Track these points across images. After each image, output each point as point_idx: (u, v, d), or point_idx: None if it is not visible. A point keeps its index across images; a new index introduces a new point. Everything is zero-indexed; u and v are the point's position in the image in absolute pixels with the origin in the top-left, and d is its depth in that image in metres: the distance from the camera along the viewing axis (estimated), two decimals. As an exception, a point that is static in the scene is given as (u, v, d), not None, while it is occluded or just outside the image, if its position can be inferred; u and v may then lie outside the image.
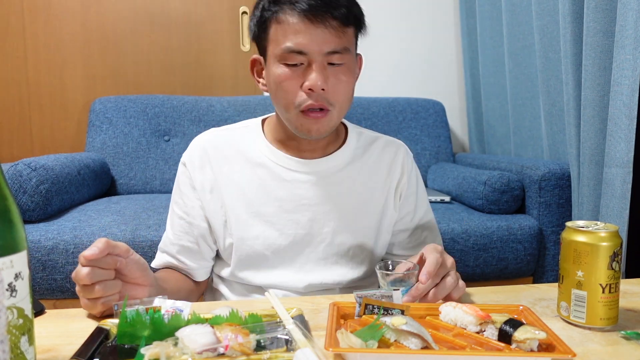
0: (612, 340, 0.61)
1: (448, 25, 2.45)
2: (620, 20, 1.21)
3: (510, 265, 1.54)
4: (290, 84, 0.81)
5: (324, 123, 0.83)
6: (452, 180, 1.84)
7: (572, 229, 0.66)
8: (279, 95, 0.83)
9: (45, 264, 1.34)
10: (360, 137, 0.97)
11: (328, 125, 0.84)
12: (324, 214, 0.90)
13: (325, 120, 0.83)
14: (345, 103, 0.85)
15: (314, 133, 0.84)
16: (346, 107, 0.86)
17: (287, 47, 0.79)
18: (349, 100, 0.86)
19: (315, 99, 0.80)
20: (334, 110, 0.83)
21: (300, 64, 0.80)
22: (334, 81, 0.81)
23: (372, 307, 0.63)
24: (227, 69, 2.32)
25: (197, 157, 0.93)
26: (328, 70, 0.80)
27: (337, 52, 0.80)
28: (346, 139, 0.95)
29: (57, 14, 2.20)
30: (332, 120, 0.84)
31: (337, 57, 0.80)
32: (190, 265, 0.92)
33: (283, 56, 0.80)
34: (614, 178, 1.25)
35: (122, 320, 0.57)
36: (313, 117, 0.82)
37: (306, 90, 0.80)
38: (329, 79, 0.80)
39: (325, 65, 0.80)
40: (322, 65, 0.79)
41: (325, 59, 0.80)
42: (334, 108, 0.82)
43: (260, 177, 0.90)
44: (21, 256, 0.46)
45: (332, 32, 0.79)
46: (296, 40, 0.78)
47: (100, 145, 1.98)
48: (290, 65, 0.80)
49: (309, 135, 0.84)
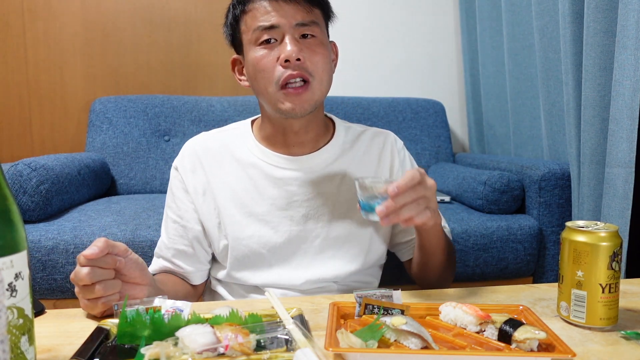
0: (612, 340, 0.61)
1: (448, 25, 2.45)
2: (622, 20, 1.21)
3: (510, 265, 1.54)
4: (267, 62, 0.83)
5: (305, 97, 0.83)
6: (452, 180, 1.84)
7: (572, 229, 0.66)
8: (258, 77, 0.84)
9: (45, 264, 1.34)
10: (349, 131, 0.97)
11: (311, 99, 0.84)
12: (317, 209, 0.90)
13: (307, 94, 0.83)
14: (324, 76, 0.85)
15: (298, 108, 0.84)
16: (326, 81, 0.86)
17: (259, 26, 0.83)
18: (326, 73, 0.86)
19: (293, 69, 0.81)
20: (314, 82, 0.83)
21: (274, 40, 0.83)
22: (308, 52, 0.83)
23: (372, 307, 0.63)
24: (227, 69, 2.30)
25: (188, 160, 0.93)
26: (301, 43, 0.83)
27: (306, 24, 0.83)
28: (334, 133, 0.96)
29: (57, 14, 2.20)
30: (314, 94, 0.84)
31: (308, 29, 0.83)
32: (186, 268, 0.93)
33: (257, 37, 0.83)
34: (615, 178, 1.25)
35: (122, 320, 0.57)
36: (294, 92, 0.82)
37: (282, 63, 0.81)
38: (304, 50, 0.82)
39: (297, 37, 0.83)
40: (294, 37, 0.82)
41: (296, 31, 0.83)
42: (313, 79, 0.83)
43: (251, 177, 0.91)
44: (21, 256, 0.46)
45: (300, 7, 0.83)
46: (267, 18, 0.82)
47: (100, 145, 1.98)
48: (265, 44, 0.83)
49: (292, 112, 0.84)
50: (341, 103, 2.14)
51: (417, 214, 0.71)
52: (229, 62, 0.96)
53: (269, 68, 0.82)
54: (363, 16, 2.37)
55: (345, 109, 2.13)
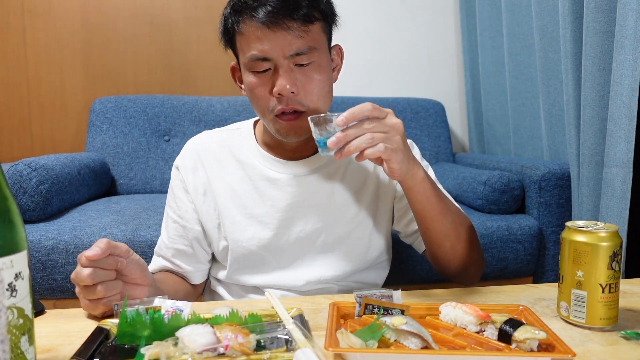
0: (612, 340, 0.61)
1: (448, 25, 2.45)
2: (620, 21, 1.21)
3: (510, 265, 1.54)
4: (261, 91, 0.81)
5: (298, 125, 0.82)
6: (452, 180, 1.84)
7: (572, 229, 0.66)
8: (254, 102, 0.84)
9: (45, 264, 1.34)
10: None
11: (304, 127, 0.81)
12: (317, 210, 0.90)
13: (298, 123, 0.82)
14: (320, 102, 0.82)
15: (292, 136, 0.83)
16: (322, 105, 0.83)
17: (252, 56, 0.79)
18: (325, 96, 0.83)
19: (285, 103, 0.80)
20: (308, 112, 0.81)
21: (268, 70, 0.79)
22: (304, 81, 0.80)
23: (372, 307, 0.63)
24: (227, 69, 2.30)
25: (189, 160, 0.93)
26: (296, 72, 0.79)
27: (301, 53, 0.78)
28: None
29: (57, 14, 2.20)
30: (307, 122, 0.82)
31: (303, 57, 0.79)
32: (185, 268, 0.93)
33: (250, 64, 0.80)
34: (613, 178, 1.25)
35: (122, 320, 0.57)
36: (286, 121, 0.81)
37: (276, 96, 0.79)
38: (299, 80, 0.79)
39: (291, 68, 0.79)
40: (288, 69, 0.78)
41: (290, 61, 0.79)
42: (308, 109, 0.81)
43: (252, 178, 0.91)
44: (21, 256, 0.46)
45: (293, 34, 0.77)
46: (259, 47, 0.78)
47: (100, 145, 1.98)
48: (258, 73, 0.80)
49: (287, 138, 0.84)
50: (341, 103, 2.14)
51: (368, 146, 0.69)
52: (229, 63, 0.95)
53: (263, 97, 0.81)
54: (363, 16, 2.37)
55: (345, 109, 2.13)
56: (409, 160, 0.74)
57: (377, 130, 0.69)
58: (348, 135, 0.69)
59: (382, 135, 0.69)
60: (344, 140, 0.69)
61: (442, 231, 0.82)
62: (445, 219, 0.82)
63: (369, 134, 0.69)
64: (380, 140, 0.69)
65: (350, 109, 0.69)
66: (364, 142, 0.68)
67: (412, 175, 0.76)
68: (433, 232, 0.83)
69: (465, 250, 0.85)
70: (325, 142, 0.70)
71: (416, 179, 0.77)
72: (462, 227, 0.85)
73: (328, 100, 0.85)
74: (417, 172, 0.76)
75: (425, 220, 0.82)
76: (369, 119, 0.70)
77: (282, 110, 0.80)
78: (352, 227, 0.91)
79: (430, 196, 0.79)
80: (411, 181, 0.77)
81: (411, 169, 0.75)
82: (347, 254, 0.91)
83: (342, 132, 0.69)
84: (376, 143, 0.69)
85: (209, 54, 2.31)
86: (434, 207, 0.80)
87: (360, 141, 0.69)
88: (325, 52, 0.84)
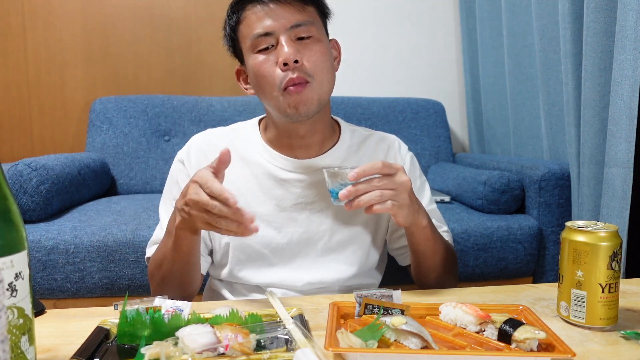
0: (612, 340, 0.62)
1: (448, 26, 2.45)
2: (621, 21, 1.21)
3: (510, 265, 1.54)
4: (267, 67, 0.83)
5: (306, 95, 0.83)
6: (452, 180, 1.84)
7: (572, 229, 0.66)
8: (261, 83, 0.85)
9: (45, 264, 1.34)
10: (354, 134, 0.97)
11: (312, 99, 0.83)
12: (321, 212, 0.90)
13: (307, 92, 0.82)
14: (325, 75, 0.85)
15: (301, 109, 0.83)
16: (327, 80, 0.85)
17: (255, 34, 0.83)
18: (327, 71, 0.85)
19: (292, 72, 0.81)
20: (314, 82, 0.83)
21: (271, 46, 0.83)
22: (306, 53, 0.83)
23: (372, 307, 0.63)
24: (227, 69, 2.31)
25: (194, 155, 0.93)
26: (298, 44, 0.83)
27: (300, 24, 0.82)
28: (340, 136, 0.96)
29: (57, 14, 2.20)
30: (315, 93, 0.84)
31: (303, 29, 0.83)
32: None
33: (254, 44, 0.84)
34: (614, 178, 1.25)
35: (122, 320, 0.57)
36: (295, 91, 0.82)
37: (282, 67, 0.81)
38: (301, 51, 0.82)
39: (293, 39, 0.83)
40: (289, 39, 0.82)
41: (291, 33, 0.82)
42: (313, 79, 0.83)
43: (256, 176, 0.91)
44: (21, 256, 0.46)
45: (291, 9, 0.82)
46: (261, 25, 0.82)
47: (100, 145, 1.98)
48: (263, 51, 0.83)
49: (297, 113, 0.84)
50: (341, 103, 2.14)
51: (377, 202, 0.74)
52: (230, 62, 0.95)
53: (270, 72, 0.82)
54: (363, 16, 2.37)
55: (345, 109, 2.13)
56: (414, 214, 0.80)
57: (387, 188, 0.74)
58: (359, 190, 0.74)
59: (390, 192, 0.74)
60: (355, 194, 0.74)
61: (431, 267, 0.89)
62: (437, 256, 0.88)
63: (379, 192, 0.74)
64: (389, 197, 0.74)
65: (362, 166, 0.74)
66: (373, 198, 0.74)
67: (416, 225, 0.82)
68: (423, 266, 0.90)
69: (447, 278, 0.93)
70: (337, 193, 0.75)
71: (419, 227, 0.83)
72: (449, 262, 0.92)
73: (332, 79, 0.87)
74: (421, 222, 0.82)
75: (419, 256, 0.89)
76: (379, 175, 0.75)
77: (290, 81, 0.81)
78: (356, 231, 0.92)
79: (429, 239, 0.85)
80: (414, 228, 0.83)
81: (416, 219, 0.81)
82: (348, 258, 0.92)
83: (353, 187, 0.73)
84: (385, 200, 0.74)
85: (209, 54, 2.31)
86: (430, 248, 0.86)
87: (370, 197, 0.74)
88: (323, 34, 0.88)
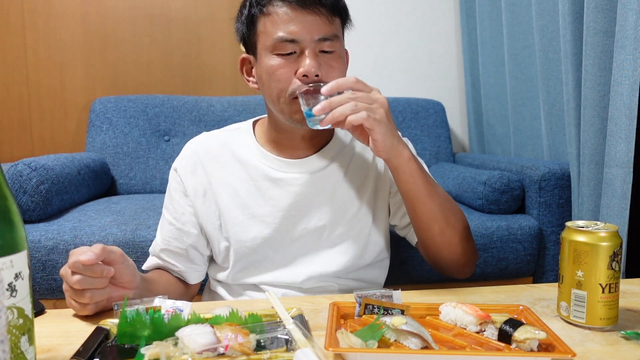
0: (612, 340, 0.61)
1: (448, 25, 2.45)
2: (620, 20, 1.21)
3: (510, 265, 1.54)
4: (284, 72, 0.81)
5: None
6: (452, 180, 1.84)
7: (572, 229, 0.66)
8: (272, 86, 0.83)
9: (45, 264, 1.34)
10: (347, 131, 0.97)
11: None
12: (319, 208, 0.90)
13: None
14: None
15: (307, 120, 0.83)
16: None
17: (279, 37, 0.80)
18: None
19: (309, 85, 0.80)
20: None
21: (293, 53, 0.81)
22: (327, 68, 0.82)
23: (372, 307, 0.63)
24: (227, 69, 2.32)
25: (189, 161, 0.93)
26: (320, 57, 0.82)
27: (328, 39, 0.81)
28: (334, 132, 0.96)
29: (57, 14, 2.20)
30: None
31: (328, 44, 0.81)
32: (180, 268, 0.93)
33: (275, 46, 0.81)
34: (614, 178, 1.25)
35: (122, 320, 0.57)
36: None
37: (300, 77, 0.80)
38: (322, 66, 0.81)
39: (317, 52, 0.81)
40: (314, 52, 0.80)
41: (317, 46, 0.81)
42: None
43: (253, 177, 0.91)
44: (21, 256, 0.46)
45: (322, 20, 0.80)
46: (287, 28, 0.79)
47: (100, 145, 1.98)
48: (283, 55, 0.81)
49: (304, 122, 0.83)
50: (341, 103, 2.14)
51: (352, 113, 0.72)
52: (230, 62, 0.95)
53: (285, 78, 0.81)
54: (363, 16, 2.37)
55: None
56: (393, 136, 0.76)
57: (361, 100, 0.73)
58: (332, 102, 0.72)
59: (365, 105, 0.73)
60: (329, 107, 0.72)
61: (429, 214, 0.83)
62: (433, 202, 0.82)
63: (353, 102, 0.72)
64: (364, 108, 0.72)
65: (336, 79, 0.73)
66: (347, 108, 0.72)
67: (397, 153, 0.78)
68: (421, 215, 0.83)
69: (455, 237, 0.85)
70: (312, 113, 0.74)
71: (402, 157, 0.79)
72: (450, 212, 0.85)
73: None
74: (403, 151, 0.79)
75: (412, 202, 0.83)
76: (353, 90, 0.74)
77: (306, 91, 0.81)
78: (353, 224, 0.92)
79: (417, 177, 0.80)
80: (397, 160, 0.79)
81: (396, 146, 0.77)
82: (347, 249, 0.92)
83: (327, 100, 0.73)
84: (359, 110, 0.72)
85: (209, 54, 2.31)
86: (421, 188, 0.81)
87: (345, 108, 0.72)
88: (343, 49, 0.88)
